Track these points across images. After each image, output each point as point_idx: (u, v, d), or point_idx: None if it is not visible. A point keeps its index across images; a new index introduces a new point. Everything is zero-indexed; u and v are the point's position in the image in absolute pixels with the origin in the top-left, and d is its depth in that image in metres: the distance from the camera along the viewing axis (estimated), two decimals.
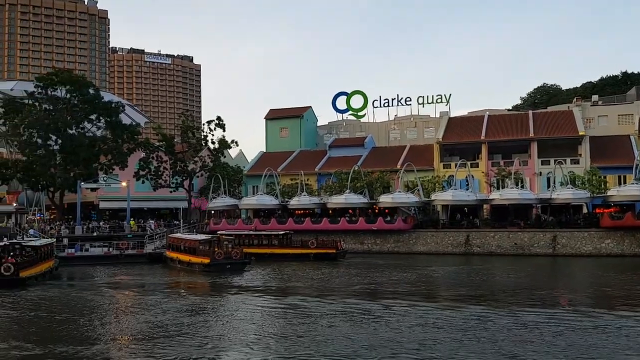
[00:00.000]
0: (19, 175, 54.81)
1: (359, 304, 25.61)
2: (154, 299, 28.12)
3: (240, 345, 18.34)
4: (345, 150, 66.68)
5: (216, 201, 58.34)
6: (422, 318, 22.32)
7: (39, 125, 53.05)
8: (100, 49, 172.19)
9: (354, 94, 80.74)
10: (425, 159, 60.18)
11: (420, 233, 51.00)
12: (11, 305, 26.56)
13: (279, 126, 75.79)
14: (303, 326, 21.06)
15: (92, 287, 33.01)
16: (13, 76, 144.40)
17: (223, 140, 61.24)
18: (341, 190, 55.01)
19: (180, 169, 59.52)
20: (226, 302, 27.38)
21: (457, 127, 62.16)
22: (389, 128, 77.71)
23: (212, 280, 34.88)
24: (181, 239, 44.22)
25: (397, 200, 51.60)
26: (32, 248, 36.68)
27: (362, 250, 50.98)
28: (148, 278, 37.49)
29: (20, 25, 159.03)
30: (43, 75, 59.20)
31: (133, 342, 19.19)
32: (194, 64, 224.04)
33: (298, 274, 37.59)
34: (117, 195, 58.66)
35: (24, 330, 21.45)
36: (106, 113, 57.03)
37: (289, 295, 28.50)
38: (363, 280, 34.22)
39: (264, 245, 47.95)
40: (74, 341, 19.14)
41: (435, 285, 33.65)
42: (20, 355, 17.71)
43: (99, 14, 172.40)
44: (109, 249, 47.26)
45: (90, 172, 55.65)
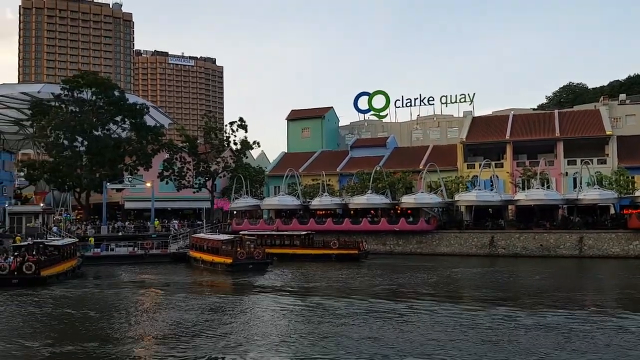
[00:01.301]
0: (46, 176, 55.83)
1: (382, 304, 25.48)
2: (178, 298, 28.40)
3: (265, 345, 18.38)
4: (367, 150, 66.41)
5: (238, 201, 58.68)
6: (445, 319, 22.10)
7: (66, 127, 54.01)
8: (125, 51, 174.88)
9: (376, 94, 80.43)
10: (448, 159, 59.58)
11: (443, 234, 50.50)
12: (33, 303, 27.06)
13: (300, 127, 75.92)
14: (326, 326, 21.02)
15: (116, 286, 33.52)
16: (40, 79, 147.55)
17: (245, 141, 61.63)
18: (363, 191, 54.80)
19: (203, 169, 60.06)
20: (249, 301, 27.49)
21: (481, 127, 61.39)
22: (411, 128, 77.18)
23: (235, 280, 35.09)
24: (204, 239, 44.60)
25: (419, 201, 51.19)
26: (55, 247, 37.36)
27: (385, 251, 50.70)
28: (172, 277, 37.87)
29: (47, 29, 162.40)
30: (69, 77, 60.27)
31: (157, 340, 19.38)
32: (217, 65, 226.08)
33: (320, 274, 37.55)
34: (141, 195, 59.44)
35: (46, 328, 21.80)
36: (131, 115, 57.86)
37: (312, 296, 28.47)
38: (386, 281, 34.03)
39: (285, 245, 48.03)
40: (98, 339, 19.41)
41: (459, 286, 33.25)
42: (44, 353, 18.03)
43: (123, 17, 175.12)
44: (133, 249, 47.94)
45: (115, 173, 56.46)
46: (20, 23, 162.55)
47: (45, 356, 17.70)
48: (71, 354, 17.81)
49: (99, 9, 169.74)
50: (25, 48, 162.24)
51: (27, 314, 24.53)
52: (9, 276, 32.06)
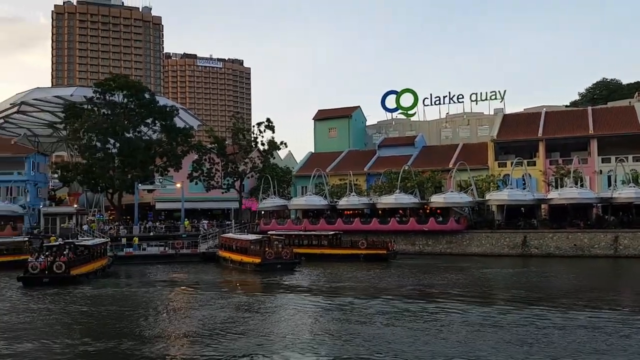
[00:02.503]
0: (80, 177, 57.04)
1: (411, 305, 25.22)
2: (208, 297, 28.68)
3: (294, 344, 18.37)
4: (395, 149, 65.91)
5: (266, 202, 58.97)
6: (476, 319, 21.75)
7: (98, 130, 55.15)
8: (154, 54, 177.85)
9: (404, 92, 79.68)
10: (479, 157, 58.66)
11: (474, 234, 49.74)
12: (64, 302, 27.66)
13: (327, 127, 75.83)
14: (355, 326, 20.92)
15: (147, 285, 34.05)
16: (73, 82, 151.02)
17: (272, 141, 61.93)
18: (391, 191, 54.38)
19: (231, 170, 60.59)
20: (278, 301, 27.56)
21: (512, 125, 60.32)
22: (440, 126, 76.26)
23: (263, 280, 35.25)
24: (233, 239, 44.94)
25: (449, 200, 50.53)
26: (85, 247, 38.21)
27: (414, 252, 50.22)
28: (202, 277, 38.28)
29: (79, 33, 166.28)
30: (101, 81, 61.43)
31: (188, 339, 19.57)
32: (244, 67, 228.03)
33: (349, 274, 37.40)
34: (172, 196, 60.30)
35: (78, 326, 22.26)
36: (161, 117, 58.77)
37: (341, 295, 28.37)
38: (415, 281, 33.70)
39: (313, 245, 48.04)
40: (129, 337, 19.70)
41: (490, 287, 32.69)
42: (76, 350, 18.37)
43: (153, 21, 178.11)
44: (164, 248, 48.71)
45: (146, 174, 57.40)
46: (53, 28, 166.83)
47: (77, 353, 18.03)
48: (102, 352, 18.11)
49: (129, 13, 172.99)
50: (58, 52, 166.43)
51: (58, 312, 25.07)
52: (40, 275, 32.93)
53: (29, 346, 18.80)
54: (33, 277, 32.81)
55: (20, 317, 23.88)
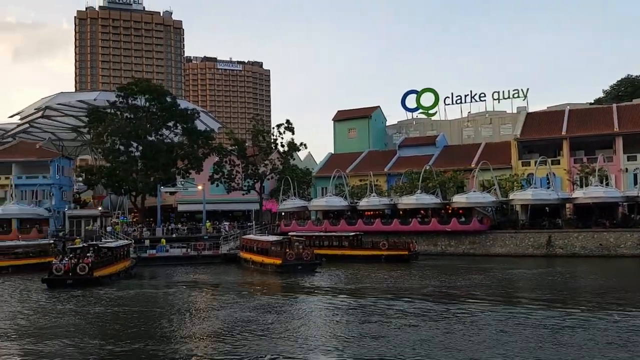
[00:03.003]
0: (104, 180, 57.88)
1: (434, 306, 24.98)
2: (230, 298, 28.80)
3: (315, 345, 18.32)
4: (416, 149, 65.42)
5: (286, 203, 59.04)
6: (500, 320, 21.47)
7: (121, 133, 55.92)
8: (175, 58, 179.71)
9: (424, 92, 79.10)
10: (501, 156, 57.87)
11: (497, 234, 49.09)
12: (87, 303, 28.03)
13: (347, 127, 75.65)
14: (377, 327, 20.78)
15: (169, 286, 34.33)
16: (96, 87, 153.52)
17: (292, 143, 62.04)
18: (412, 191, 53.98)
19: (251, 172, 60.85)
20: (299, 302, 27.54)
21: (535, 123, 59.41)
22: (462, 125, 75.48)
23: (284, 281, 35.27)
24: (254, 240, 45.09)
25: (472, 200, 49.92)
26: (108, 249, 38.73)
27: (436, 252, 49.76)
28: (223, 277, 38.50)
29: (101, 38, 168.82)
30: (124, 85, 62.29)
31: (211, 339, 19.66)
32: (264, 69, 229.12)
33: (370, 275, 37.21)
34: (193, 198, 60.81)
35: (102, 327, 22.52)
36: (183, 120, 59.36)
37: (362, 297, 28.21)
38: (437, 282, 33.35)
39: (334, 246, 47.94)
40: (152, 337, 19.87)
41: (514, 288, 32.20)
42: (100, 351, 18.56)
43: (174, 25, 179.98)
44: (187, 250, 49.13)
45: (168, 176, 57.98)
46: (76, 33, 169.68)
47: (101, 354, 18.23)
48: (126, 352, 18.27)
49: (150, 18, 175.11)
50: (81, 57, 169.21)
51: (82, 313, 25.39)
52: (64, 277, 33.50)
53: (54, 347, 19.06)
54: (57, 279, 33.38)
55: (46, 318, 24.26)
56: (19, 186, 59.41)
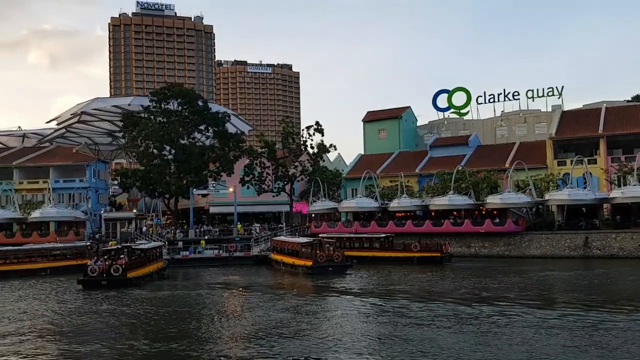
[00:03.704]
0: (138, 183, 59.05)
1: (467, 308, 24.54)
2: (262, 299, 28.93)
3: (348, 347, 18.17)
4: (448, 149, 64.54)
5: (316, 204, 59.05)
6: (535, 323, 20.98)
7: (155, 137, 56.98)
8: (207, 62, 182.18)
9: (456, 91, 77.99)
10: (536, 156, 56.57)
11: (533, 235, 48.07)
12: (122, 303, 28.55)
13: (377, 128, 75.21)
14: (410, 329, 20.51)
15: (201, 287, 34.74)
16: (130, 92, 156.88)
17: (322, 144, 62.11)
18: (444, 192, 53.26)
19: (281, 174, 61.12)
20: (331, 303, 27.43)
21: (571, 121, 57.95)
22: (495, 125, 74.16)
23: (315, 283, 35.22)
24: (285, 242, 45.22)
25: (506, 201, 48.96)
26: (141, 250, 39.41)
27: (469, 254, 49.00)
28: (255, 279, 38.74)
29: (135, 44, 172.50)
30: (157, 90, 63.50)
31: (243, 340, 19.74)
32: (293, 71, 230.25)
33: (401, 277, 36.84)
34: (225, 200, 61.44)
35: (136, 327, 22.85)
36: (214, 123, 60.14)
37: (394, 299, 27.90)
38: (471, 284, 32.77)
39: (365, 248, 47.67)
40: (185, 338, 20.04)
41: (551, 290, 31.44)
42: (133, 351, 18.84)
43: (205, 30, 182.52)
44: (219, 252, 49.71)
45: (200, 179, 58.78)
46: (110, 40, 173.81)
47: (135, 353, 18.51)
48: (160, 352, 18.48)
49: (182, 23, 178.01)
50: (115, 63, 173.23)
51: (116, 313, 25.88)
52: (98, 278, 34.24)
53: (87, 346, 19.45)
54: (92, 280, 34.16)
55: (81, 318, 24.80)
56: (56, 190, 61.08)
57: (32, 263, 43.88)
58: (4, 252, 44.25)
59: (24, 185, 63.05)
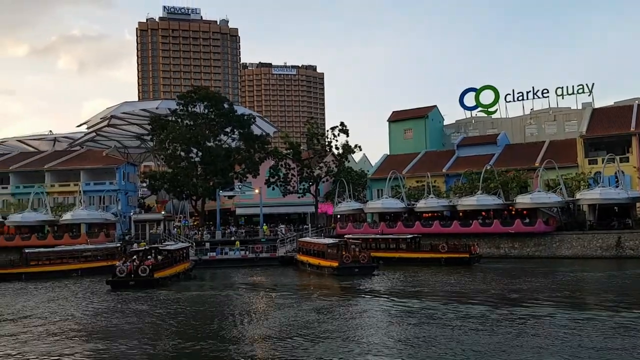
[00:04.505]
0: (166, 185, 59.80)
1: (496, 310, 24.12)
2: (288, 300, 28.94)
3: (373, 349, 18.03)
4: (475, 149, 63.63)
5: (342, 205, 58.90)
6: (567, 326, 20.52)
7: (182, 140, 57.70)
8: (232, 65, 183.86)
9: (484, 89, 76.90)
10: (567, 154, 55.39)
11: (564, 236, 47.07)
12: (150, 303, 28.90)
13: (402, 128, 74.66)
14: (438, 331, 20.24)
15: (228, 287, 34.98)
16: (157, 95, 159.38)
17: (347, 145, 61.95)
18: (472, 192, 52.51)
19: (306, 175, 61.16)
20: (357, 305, 27.27)
21: (602, 119, 56.55)
22: (524, 123, 72.91)
23: (341, 284, 35.10)
24: (310, 243, 45.22)
25: (536, 201, 48.00)
26: (168, 251, 39.92)
27: (498, 255, 48.22)
28: (281, 280, 38.84)
29: (162, 48, 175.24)
30: (184, 93, 64.22)
31: (269, 340, 19.73)
32: (318, 72, 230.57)
33: (429, 278, 36.44)
34: (250, 201, 61.77)
35: (163, 327, 23.08)
36: (239, 125, 60.61)
37: (422, 300, 27.58)
38: (501, 285, 32.20)
39: (391, 249, 47.32)
40: (212, 338, 20.16)
41: (583, 291, 30.75)
42: (161, 351, 19.01)
43: (230, 33, 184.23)
44: (245, 253, 50.01)
45: (227, 180, 59.24)
46: (138, 44, 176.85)
47: (163, 354, 18.69)
48: (185, 352, 18.61)
49: (208, 27, 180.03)
50: (143, 67, 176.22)
51: (144, 313, 26.24)
52: (126, 278, 34.88)
53: (116, 346, 19.72)
54: (120, 281, 34.82)
55: (109, 318, 25.19)
56: (87, 192, 62.34)
57: (64, 264, 44.84)
58: (37, 253, 45.35)
59: (56, 188, 64.51)
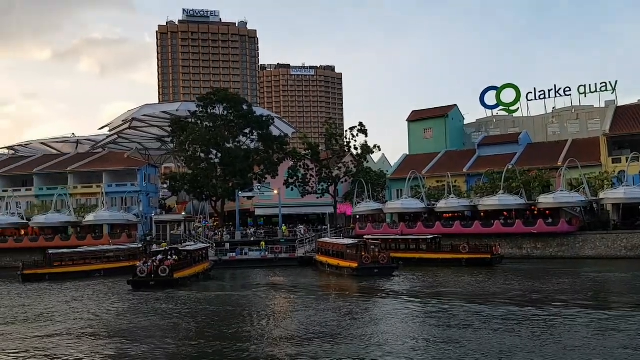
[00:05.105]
0: (186, 187, 60.28)
1: (519, 310, 23.76)
2: (307, 300, 28.89)
3: (394, 351, 17.84)
4: (497, 148, 62.77)
5: (361, 206, 58.65)
6: (592, 327, 20.11)
7: (201, 141, 58.12)
8: (250, 67, 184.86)
9: (505, 88, 75.93)
10: (590, 153, 54.33)
11: (587, 236, 46.24)
12: (169, 303, 29.11)
13: (422, 127, 74.05)
14: (459, 332, 19.98)
15: (247, 288, 35.03)
16: (177, 98, 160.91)
17: (365, 145, 61.68)
18: (494, 191, 51.85)
19: (325, 175, 61.05)
20: (377, 306, 27.10)
21: (626, 117, 55.36)
22: (546, 122, 71.80)
23: (361, 284, 34.91)
24: (329, 244, 45.11)
25: (559, 200, 47.19)
26: (187, 252, 40.22)
27: (521, 256, 47.54)
28: (300, 280, 38.79)
29: (182, 51, 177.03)
30: (203, 95, 64.76)
31: (288, 341, 19.67)
32: (336, 73, 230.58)
33: (450, 279, 36.04)
34: (269, 202, 61.91)
35: (183, 326, 23.17)
36: (258, 126, 60.84)
37: (443, 302, 27.24)
38: (524, 286, 31.71)
39: (411, 249, 46.98)
40: (231, 338, 20.18)
41: (607, 292, 30.22)
42: (182, 350, 19.07)
43: (248, 35, 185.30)
44: (265, 253, 50.09)
45: (246, 181, 59.50)
46: (158, 47, 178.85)
47: (182, 353, 18.75)
48: (207, 352, 18.64)
49: (227, 29, 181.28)
50: (163, 70, 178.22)
51: (164, 313, 26.39)
52: (146, 279, 35.33)
53: (135, 346, 19.84)
54: (141, 281, 35.29)
55: (129, 318, 25.43)
56: (109, 194, 63.17)
57: (87, 265, 45.45)
58: (60, 254, 46.05)
59: (79, 189, 65.46)
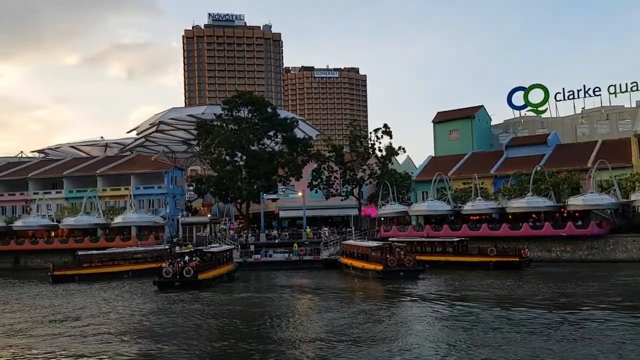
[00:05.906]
0: (212, 189, 60.80)
1: (548, 314, 23.27)
2: (332, 303, 28.76)
3: (419, 354, 17.61)
4: (525, 149, 61.66)
5: (385, 208, 58.27)
6: (622, 331, 19.57)
7: (227, 144, 58.59)
8: (275, 70, 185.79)
9: (533, 88, 74.57)
10: (620, 154, 52.96)
11: (618, 238, 45.07)
12: (195, 304, 29.31)
13: (448, 129, 73.23)
14: (486, 336, 19.65)
15: (272, 290, 35.19)
16: (203, 101, 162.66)
17: (390, 147, 61.22)
18: (522, 193, 50.91)
19: (349, 177, 60.83)
20: (402, 309, 26.86)
21: None
22: (575, 123, 70.31)
23: (386, 287, 34.62)
24: (354, 246, 44.87)
25: (589, 202, 46.10)
26: (212, 254, 40.54)
27: (550, 259, 46.58)
28: (325, 283, 38.66)
29: (207, 54, 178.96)
30: (228, 98, 65.25)
31: (312, 343, 19.60)
32: (360, 74, 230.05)
33: (477, 283, 35.46)
34: (294, 204, 61.98)
35: (206, 327, 23.33)
36: (282, 129, 61.03)
37: (469, 305, 26.82)
38: (553, 290, 31.04)
39: (437, 252, 46.44)
40: (255, 339, 20.20)
41: (638, 295, 29.15)
42: (206, 349, 19.16)
43: (273, 38, 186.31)
44: (289, 255, 50.19)
45: (270, 184, 59.71)
46: (184, 51, 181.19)
47: (204, 353, 18.85)
48: (229, 353, 18.71)
49: (251, 32, 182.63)
50: (189, 74, 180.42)
51: (188, 313, 26.64)
52: (172, 280, 35.80)
53: (164, 346, 20.02)
54: (166, 282, 35.77)
55: (157, 318, 25.72)
56: (137, 196, 64.09)
57: (115, 266, 46.21)
58: (89, 256, 46.91)
59: (107, 192, 66.61)
